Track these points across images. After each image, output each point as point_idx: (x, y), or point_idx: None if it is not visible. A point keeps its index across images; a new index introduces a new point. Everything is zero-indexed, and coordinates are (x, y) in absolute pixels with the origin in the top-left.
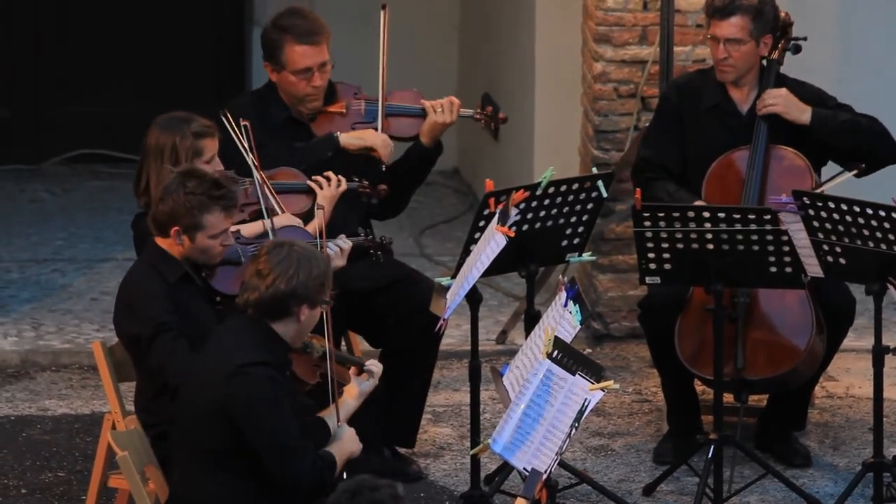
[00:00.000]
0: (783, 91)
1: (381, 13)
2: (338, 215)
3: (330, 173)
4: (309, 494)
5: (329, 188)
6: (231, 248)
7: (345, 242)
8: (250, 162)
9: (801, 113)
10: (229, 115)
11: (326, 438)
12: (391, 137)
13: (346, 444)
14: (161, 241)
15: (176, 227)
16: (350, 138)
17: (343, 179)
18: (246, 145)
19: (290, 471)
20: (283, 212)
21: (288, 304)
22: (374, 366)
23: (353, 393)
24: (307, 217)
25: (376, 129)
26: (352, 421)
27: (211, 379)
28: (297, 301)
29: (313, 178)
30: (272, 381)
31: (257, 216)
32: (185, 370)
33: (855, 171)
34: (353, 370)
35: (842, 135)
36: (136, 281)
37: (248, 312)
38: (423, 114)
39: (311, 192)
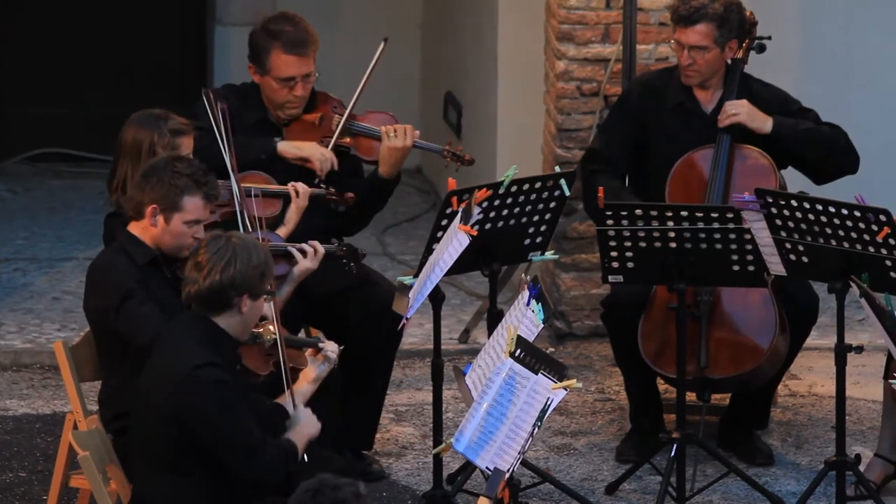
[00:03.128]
0: (744, 102)
1: (381, 44)
2: (301, 220)
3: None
4: (276, 486)
5: (302, 197)
6: None
7: (319, 247)
8: (225, 154)
9: (764, 122)
10: (211, 96)
11: (285, 423)
12: (357, 158)
13: (305, 427)
14: (133, 227)
15: (154, 206)
16: (288, 146)
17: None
18: (223, 129)
19: (254, 468)
20: (254, 214)
21: (228, 295)
22: (330, 346)
23: (309, 377)
24: (277, 222)
25: (336, 140)
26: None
27: (160, 384)
28: (237, 292)
29: (290, 184)
30: (222, 383)
31: (229, 217)
32: (158, 326)
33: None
34: (309, 352)
35: (803, 144)
36: (105, 262)
37: (191, 308)
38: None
39: (282, 197)
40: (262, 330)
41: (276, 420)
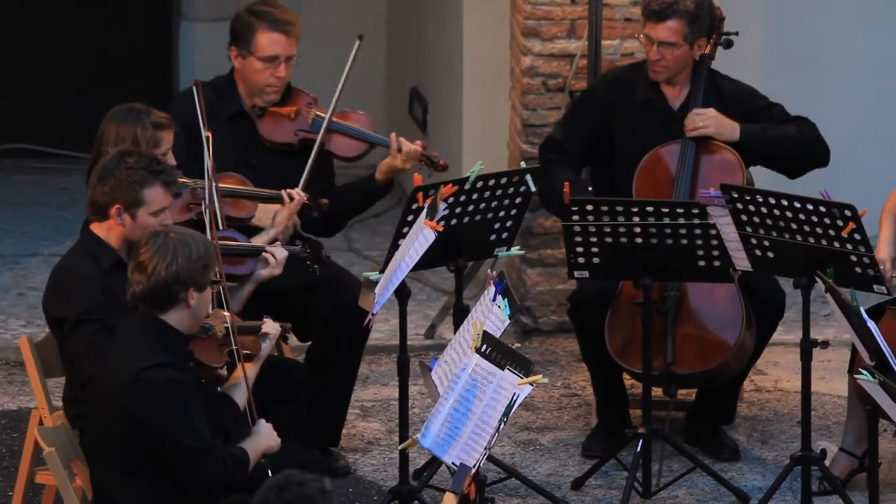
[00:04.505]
0: (712, 112)
1: (357, 42)
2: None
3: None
4: (220, 491)
5: (295, 204)
6: None
7: (281, 251)
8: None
9: (732, 131)
10: (200, 87)
11: (235, 413)
12: (330, 153)
13: (263, 439)
14: (96, 228)
15: (118, 206)
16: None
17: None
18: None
19: (199, 471)
20: (225, 215)
21: (173, 290)
22: (268, 326)
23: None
24: (249, 223)
25: (318, 142)
26: (276, 417)
27: (112, 386)
28: (182, 286)
29: (285, 191)
30: (173, 382)
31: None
32: (101, 364)
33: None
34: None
35: (772, 149)
36: (70, 264)
37: (138, 309)
38: (368, 139)
39: (259, 200)
40: (212, 321)
41: (227, 414)
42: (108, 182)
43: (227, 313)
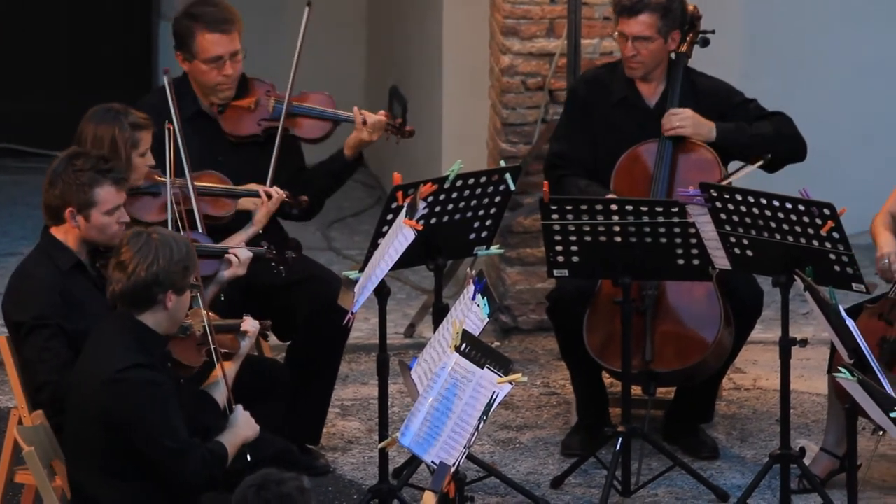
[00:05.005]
0: (688, 112)
1: (306, 10)
2: (246, 217)
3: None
4: (201, 489)
5: (273, 202)
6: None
7: (244, 252)
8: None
9: (709, 132)
10: (171, 83)
11: (215, 412)
12: (295, 137)
13: (241, 429)
14: (55, 231)
15: (70, 209)
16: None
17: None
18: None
19: (179, 471)
20: (204, 214)
21: (152, 292)
22: (248, 324)
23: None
24: (229, 223)
25: (281, 128)
26: (256, 416)
27: (90, 387)
28: (161, 288)
29: (263, 189)
30: (151, 383)
31: (182, 216)
32: (56, 369)
33: (760, 163)
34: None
35: (748, 149)
36: (28, 267)
37: (117, 308)
38: (331, 118)
39: (236, 198)
40: (191, 320)
41: (207, 411)
42: (58, 185)
43: (205, 312)
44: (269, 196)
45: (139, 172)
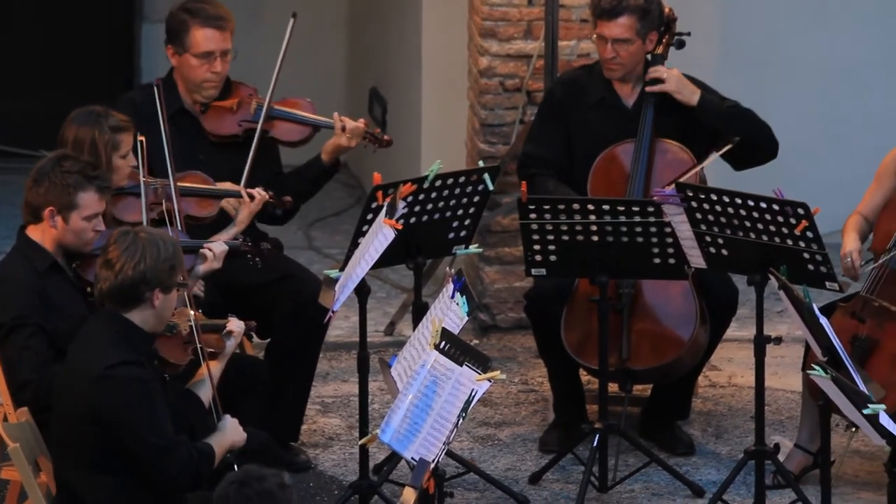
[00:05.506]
0: (675, 71)
1: (291, 21)
2: (228, 217)
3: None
4: (187, 487)
5: (256, 202)
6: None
7: (219, 246)
8: (166, 148)
9: (692, 94)
10: (161, 88)
11: (200, 410)
12: (274, 139)
13: (229, 434)
14: (32, 231)
15: (51, 208)
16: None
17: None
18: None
19: (165, 468)
20: (186, 214)
21: (139, 290)
22: (233, 324)
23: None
24: (212, 223)
25: (259, 129)
26: (238, 413)
27: (77, 384)
28: (149, 286)
29: (248, 190)
30: (138, 380)
31: (164, 216)
32: (36, 368)
33: (728, 146)
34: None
35: (727, 119)
36: (5, 268)
37: (104, 306)
38: (311, 123)
39: (219, 198)
40: (177, 319)
41: (193, 410)
42: (43, 184)
43: (191, 311)
44: (252, 197)
45: (121, 174)
